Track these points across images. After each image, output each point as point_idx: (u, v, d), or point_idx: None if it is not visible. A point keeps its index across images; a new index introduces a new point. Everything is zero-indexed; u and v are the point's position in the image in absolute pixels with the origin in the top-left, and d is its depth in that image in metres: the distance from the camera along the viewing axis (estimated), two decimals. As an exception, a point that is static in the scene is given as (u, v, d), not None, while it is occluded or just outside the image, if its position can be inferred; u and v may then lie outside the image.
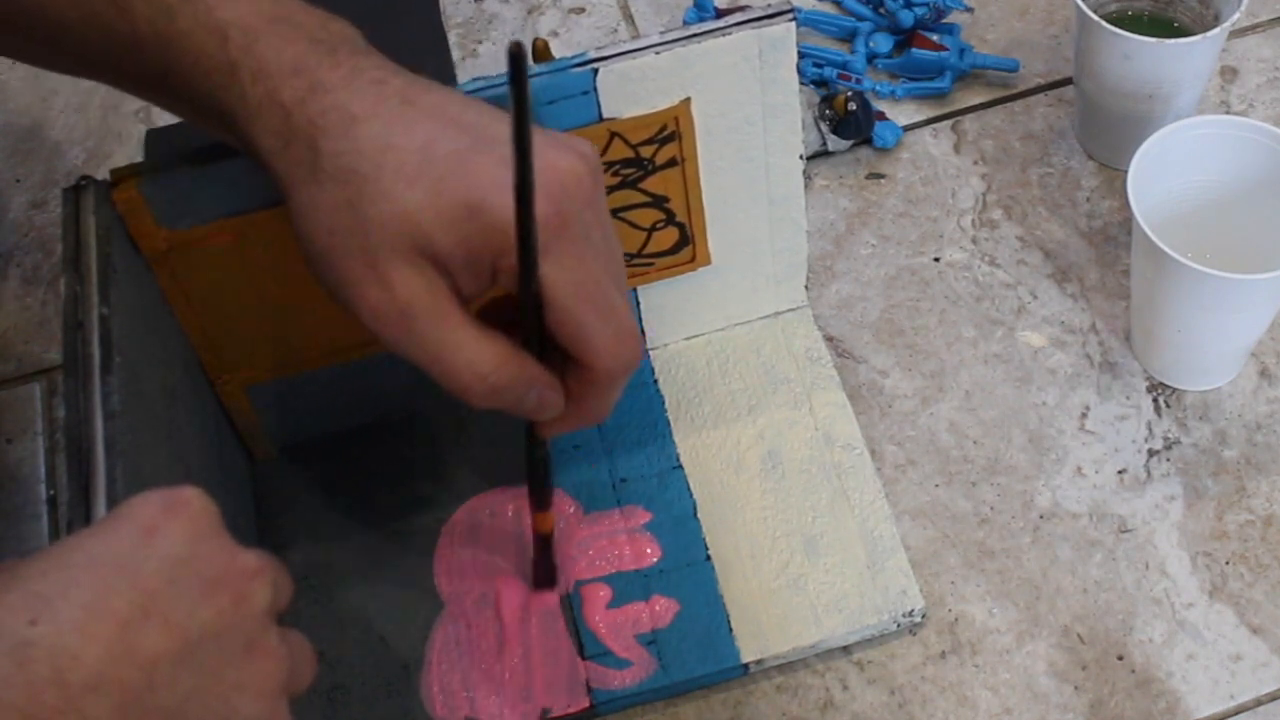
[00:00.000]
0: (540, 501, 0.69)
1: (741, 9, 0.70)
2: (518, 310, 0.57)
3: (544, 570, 0.73)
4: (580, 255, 0.56)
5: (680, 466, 0.78)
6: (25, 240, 0.94)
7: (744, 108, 0.71)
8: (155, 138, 0.98)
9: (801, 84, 0.72)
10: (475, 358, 0.57)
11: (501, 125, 0.55)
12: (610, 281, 0.58)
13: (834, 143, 0.91)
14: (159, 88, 0.60)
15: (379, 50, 0.59)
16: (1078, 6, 0.82)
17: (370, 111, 0.56)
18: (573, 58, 0.68)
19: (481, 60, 1.00)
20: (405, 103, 0.56)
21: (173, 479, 0.57)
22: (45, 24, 0.60)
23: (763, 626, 0.72)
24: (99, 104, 1.01)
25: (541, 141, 0.56)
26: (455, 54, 1.00)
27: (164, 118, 0.99)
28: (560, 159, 0.56)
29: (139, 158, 0.96)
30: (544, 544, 0.72)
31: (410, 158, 0.55)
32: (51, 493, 0.82)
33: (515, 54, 0.47)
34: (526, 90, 0.49)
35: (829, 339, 0.83)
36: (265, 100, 0.56)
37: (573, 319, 0.57)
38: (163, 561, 0.46)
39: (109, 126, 0.99)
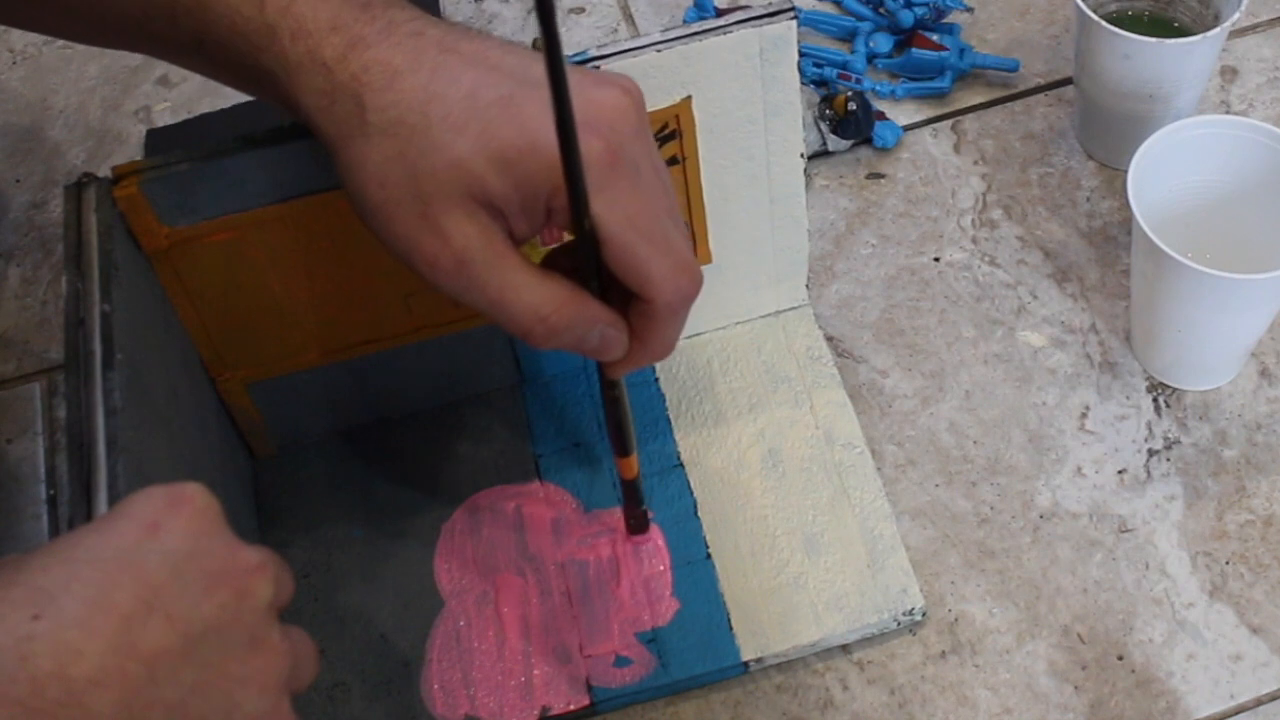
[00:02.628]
0: (622, 446, 0.69)
1: (741, 8, 0.70)
2: (575, 254, 0.58)
3: (634, 517, 0.74)
4: (632, 189, 0.56)
5: (681, 465, 0.78)
6: (25, 240, 0.94)
7: (745, 106, 0.71)
8: (155, 138, 0.98)
9: (801, 84, 0.72)
10: (535, 300, 0.57)
11: (542, 67, 0.55)
12: (664, 213, 0.58)
13: (834, 143, 0.91)
14: (195, 53, 0.60)
15: None
16: (1078, 6, 0.82)
17: (412, 63, 0.56)
18: (575, 56, 0.68)
19: (482, 60, 1.00)
20: (445, 51, 0.56)
21: (174, 476, 0.57)
22: None
23: (763, 625, 0.72)
24: (99, 104, 1.01)
25: (583, 79, 0.56)
26: (455, 54, 1.00)
27: (164, 118, 0.99)
28: (604, 95, 0.57)
29: (139, 158, 0.96)
30: (631, 490, 0.73)
31: (456, 106, 0.55)
32: (51, 492, 0.82)
33: None
34: (555, 25, 0.48)
35: (829, 339, 0.83)
36: (306, 59, 0.56)
37: (629, 254, 0.57)
38: (165, 557, 0.46)
39: (109, 126, 0.99)
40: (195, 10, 0.58)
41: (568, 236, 0.58)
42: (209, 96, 1.00)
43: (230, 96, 0.99)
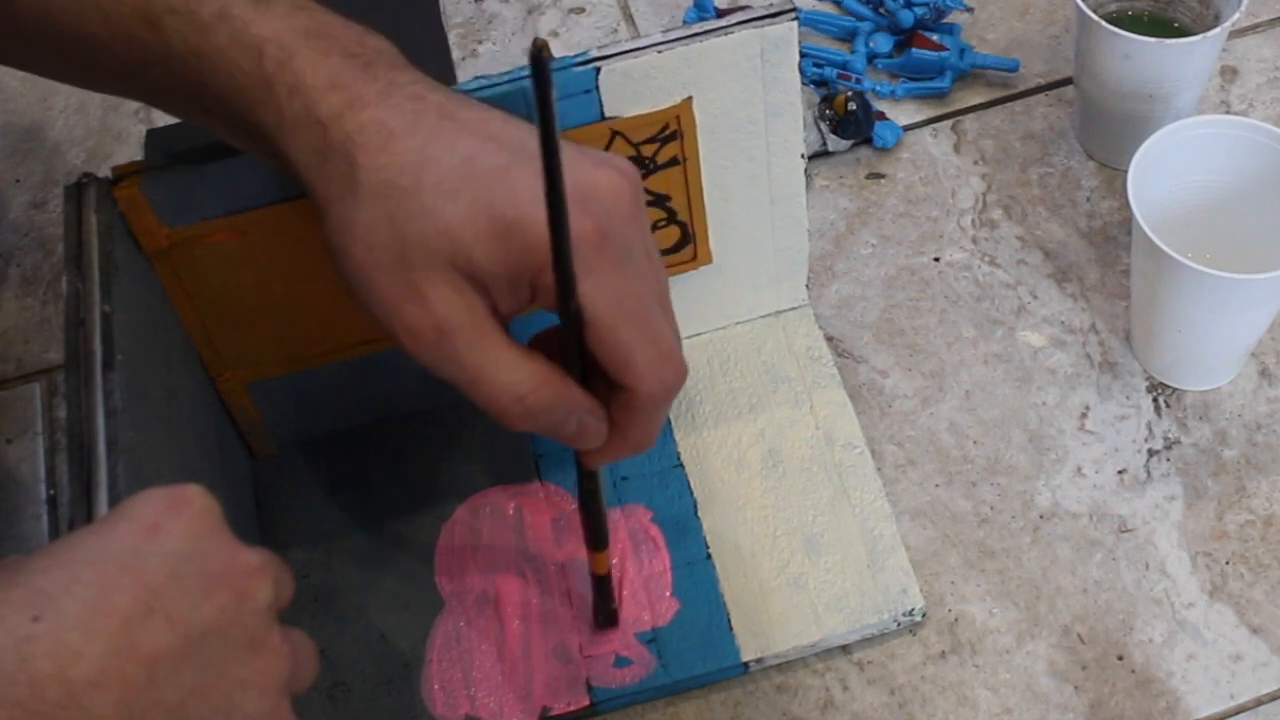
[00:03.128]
0: (595, 539, 0.67)
1: (742, 9, 0.70)
2: (561, 337, 0.56)
3: (604, 613, 0.72)
4: (620, 272, 0.55)
5: (681, 465, 0.78)
6: (25, 240, 0.94)
7: (746, 107, 0.71)
8: (155, 138, 0.98)
9: (801, 84, 0.72)
10: (513, 378, 0.56)
11: None
12: (652, 300, 0.57)
13: (834, 143, 0.91)
14: (192, 103, 0.60)
15: None
16: (1078, 6, 0.82)
17: (409, 127, 0.55)
18: (575, 56, 0.68)
19: (481, 60, 1.00)
20: (444, 118, 0.56)
21: (174, 476, 0.57)
22: (77, 41, 0.60)
23: (763, 625, 0.72)
24: (99, 104, 1.01)
25: (581, 158, 0.55)
26: (455, 54, 1.00)
27: (164, 118, 0.99)
28: (600, 174, 0.56)
29: (139, 158, 0.96)
30: (601, 585, 0.70)
31: (450, 173, 0.54)
32: (51, 493, 0.82)
33: (536, 55, 0.45)
34: (550, 92, 0.47)
35: (829, 339, 0.83)
36: (301, 116, 0.55)
37: (612, 337, 0.55)
38: (165, 558, 0.46)
39: (109, 126, 0.99)
40: (192, 62, 0.57)
41: None
42: (209, 96, 1.00)
43: (230, 96, 0.99)
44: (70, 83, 0.67)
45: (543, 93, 0.47)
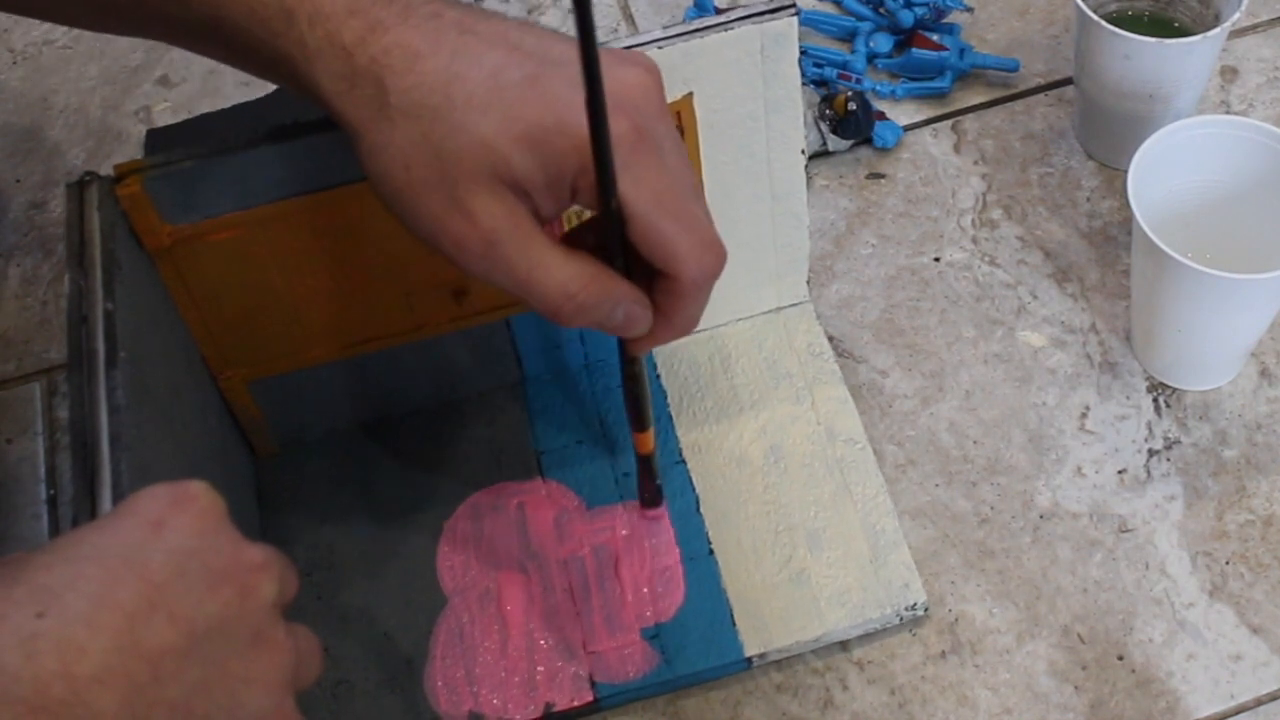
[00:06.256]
0: (638, 421, 0.70)
1: (742, 6, 0.70)
2: (600, 232, 0.58)
3: (648, 491, 0.75)
4: (657, 167, 0.56)
5: (683, 461, 0.78)
6: (25, 240, 0.94)
7: (746, 103, 0.71)
8: (155, 137, 0.98)
9: (801, 83, 0.72)
10: (563, 278, 0.57)
11: (562, 46, 0.56)
12: (687, 191, 0.58)
13: (834, 142, 0.91)
14: (210, 38, 0.60)
15: None
16: (1078, 6, 0.82)
17: (432, 46, 0.56)
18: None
19: (482, 60, 1.00)
20: (464, 33, 0.57)
21: (176, 474, 0.57)
22: None
23: (765, 620, 0.72)
24: (99, 104, 1.01)
25: (606, 58, 0.56)
26: (456, 53, 1.00)
27: (164, 118, 0.99)
28: (628, 74, 0.57)
29: (139, 158, 0.96)
30: (645, 465, 0.73)
31: (479, 88, 0.55)
32: (52, 492, 0.82)
33: None
34: (589, 9, 0.48)
35: (829, 339, 0.83)
36: (325, 44, 0.56)
37: (655, 230, 0.57)
38: (169, 555, 0.46)
39: (109, 126, 0.99)
40: None
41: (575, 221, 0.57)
42: (209, 96, 1.00)
43: (230, 96, 0.99)
44: (85, 26, 0.68)
45: (583, 10, 0.48)
